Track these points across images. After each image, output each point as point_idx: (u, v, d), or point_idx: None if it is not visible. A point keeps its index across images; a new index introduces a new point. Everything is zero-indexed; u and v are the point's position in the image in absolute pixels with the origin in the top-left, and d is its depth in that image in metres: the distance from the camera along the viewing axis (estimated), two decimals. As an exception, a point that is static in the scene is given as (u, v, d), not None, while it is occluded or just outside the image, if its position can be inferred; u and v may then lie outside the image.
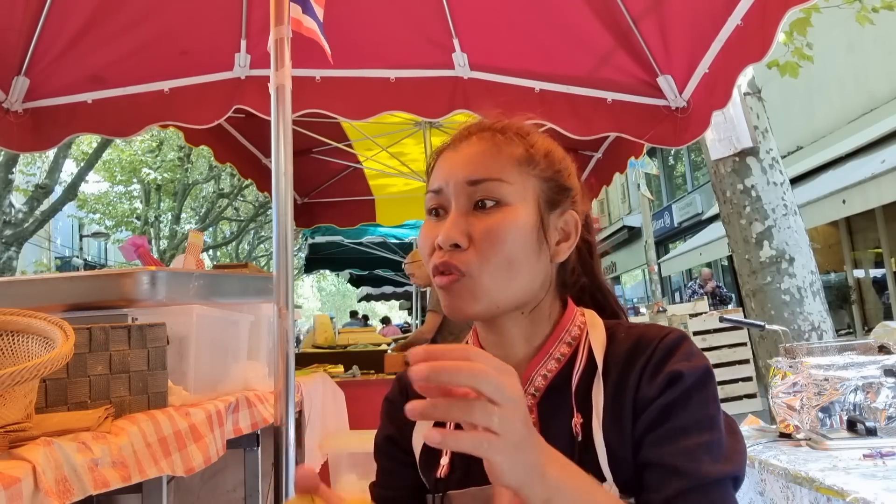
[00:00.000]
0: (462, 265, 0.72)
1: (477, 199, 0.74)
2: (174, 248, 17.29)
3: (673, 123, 2.35)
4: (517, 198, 0.74)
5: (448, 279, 0.72)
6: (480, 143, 0.77)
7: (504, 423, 0.50)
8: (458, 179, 0.75)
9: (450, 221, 0.74)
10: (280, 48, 1.54)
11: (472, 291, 0.72)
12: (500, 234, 0.72)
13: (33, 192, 11.30)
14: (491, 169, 0.74)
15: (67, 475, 0.97)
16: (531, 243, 0.74)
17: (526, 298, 0.75)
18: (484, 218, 0.73)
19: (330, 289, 42.42)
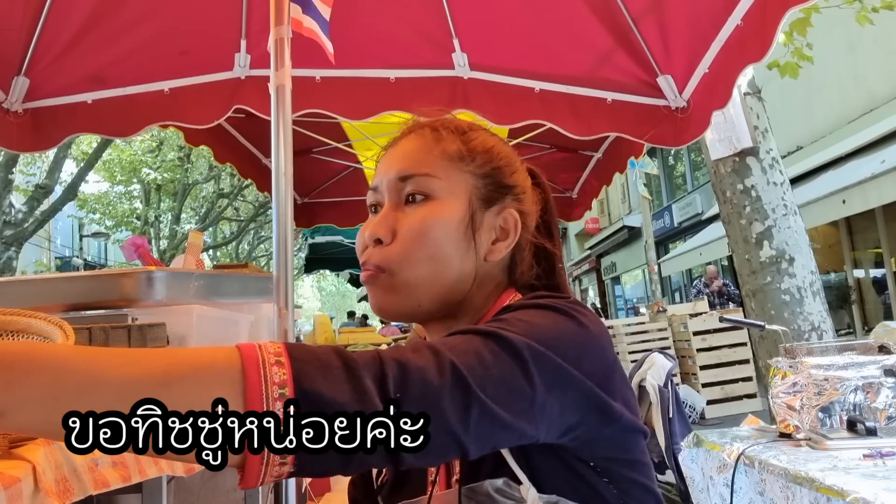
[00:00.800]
0: (381, 261, 0.71)
1: (407, 194, 0.73)
2: (174, 248, 17.29)
3: (673, 123, 2.35)
4: (446, 192, 0.73)
5: (367, 274, 0.72)
6: (415, 140, 0.77)
7: None
8: (390, 176, 0.75)
9: (379, 217, 0.74)
10: (280, 48, 1.54)
11: (393, 287, 0.71)
12: (423, 228, 0.71)
13: (33, 192, 11.30)
14: (421, 164, 0.74)
15: (67, 475, 0.97)
16: (458, 239, 0.72)
17: (452, 297, 0.73)
18: (411, 213, 0.72)
19: (330, 289, 42.44)
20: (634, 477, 0.66)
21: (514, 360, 0.55)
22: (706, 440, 1.96)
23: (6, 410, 0.43)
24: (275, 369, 0.48)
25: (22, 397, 0.43)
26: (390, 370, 0.51)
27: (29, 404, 0.43)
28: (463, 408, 0.51)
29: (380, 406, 0.48)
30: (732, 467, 1.74)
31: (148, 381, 0.45)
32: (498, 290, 0.76)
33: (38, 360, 0.44)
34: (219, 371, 0.47)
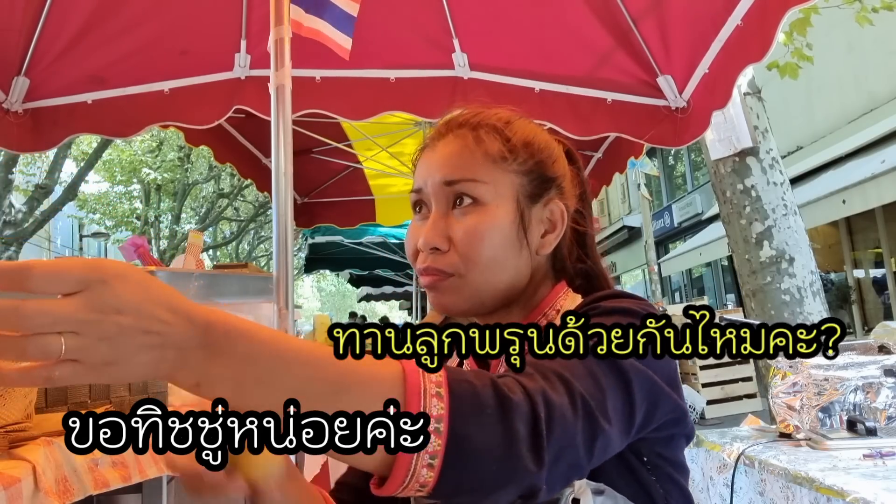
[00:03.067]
0: (447, 267, 0.73)
1: (454, 198, 0.75)
2: (174, 248, 17.29)
3: (673, 123, 2.35)
4: (493, 196, 0.74)
5: (433, 278, 0.74)
6: (455, 142, 0.78)
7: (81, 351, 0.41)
8: (435, 180, 0.76)
9: (430, 224, 0.75)
10: (280, 48, 1.54)
11: (458, 289, 0.74)
12: (478, 235, 0.73)
13: (33, 192, 11.30)
14: (465, 169, 0.75)
15: (67, 475, 0.97)
16: (511, 240, 0.74)
17: (511, 293, 0.76)
18: (462, 219, 0.74)
19: (330, 289, 42.44)
20: (677, 478, 0.69)
21: (622, 382, 0.59)
22: (706, 440, 1.96)
23: (202, 384, 0.46)
24: (434, 401, 0.49)
25: (215, 375, 0.46)
26: (541, 411, 0.52)
27: (218, 383, 0.46)
28: (591, 440, 0.55)
29: (525, 453, 0.50)
30: (732, 467, 1.74)
31: (322, 385, 0.48)
32: (546, 279, 0.79)
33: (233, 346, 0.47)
34: (384, 390, 0.49)
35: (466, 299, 0.74)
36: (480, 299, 0.75)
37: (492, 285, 0.74)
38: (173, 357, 0.45)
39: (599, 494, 0.64)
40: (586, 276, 0.83)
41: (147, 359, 0.44)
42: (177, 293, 0.47)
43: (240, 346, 0.47)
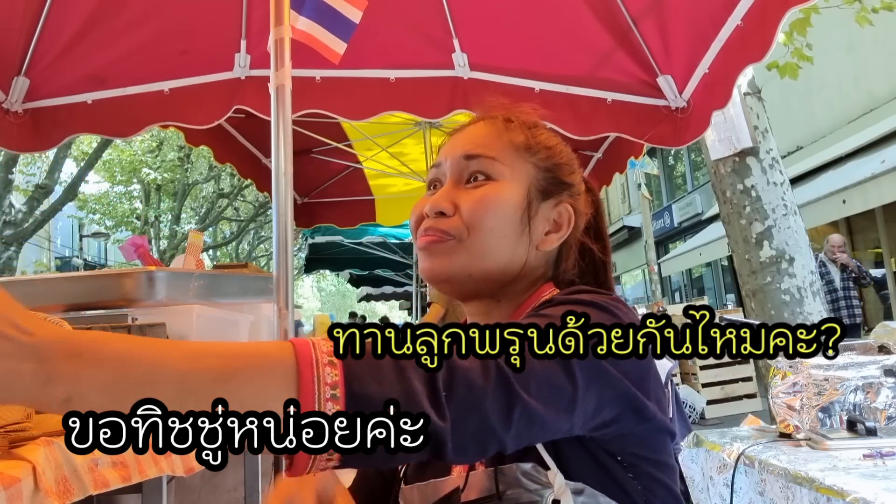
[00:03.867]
0: (450, 228, 0.74)
1: (470, 174, 0.77)
2: (174, 248, 17.29)
3: (673, 123, 2.35)
4: (508, 176, 0.77)
5: (430, 239, 0.75)
6: (485, 126, 0.81)
7: None
8: (455, 154, 0.78)
9: (440, 192, 0.77)
10: (280, 48, 1.54)
11: (452, 253, 0.74)
12: (485, 203, 0.74)
13: (33, 192, 11.30)
14: (488, 147, 0.78)
15: (67, 475, 0.97)
16: (514, 222, 0.75)
17: (501, 278, 0.76)
18: (472, 191, 0.76)
19: (330, 289, 42.43)
20: (660, 477, 0.68)
21: (562, 365, 0.57)
22: (706, 440, 1.96)
23: (73, 397, 0.43)
24: (327, 370, 0.48)
25: (87, 386, 0.43)
26: (440, 373, 0.52)
27: (94, 393, 0.44)
28: (506, 408, 0.53)
29: (427, 408, 0.49)
30: (732, 467, 1.74)
31: (206, 375, 0.46)
32: (540, 282, 0.80)
33: (105, 350, 0.45)
34: (273, 368, 0.48)
35: (457, 266, 0.74)
36: (469, 271, 0.74)
37: (485, 260, 0.74)
38: (32, 370, 0.41)
39: (579, 494, 0.63)
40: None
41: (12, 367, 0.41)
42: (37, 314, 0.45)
43: (111, 349, 0.45)
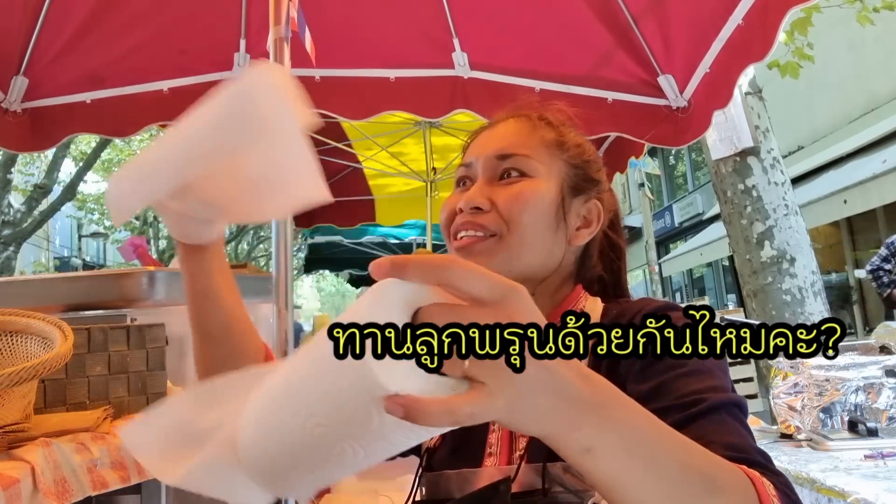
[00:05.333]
0: (489, 223, 0.74)
1: (503, 171, 0.77)
2: (173, 249, 17.24)
3: (674, 123, 2.35)
4: (542, 173, 0.77)
5: (470, 240, 0.74)
6: (515, 124, 0.82)
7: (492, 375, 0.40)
8: (487, 154, 0.78)
9: (474, 188, 0.77)
10: (279, 48, 1.54)
11: (493, 253, 0.74)
12: (522, 198, 0.75)
13: (32, 191, 11.30)
14: (521, 145, 0.78)
15: (66, 476, 0.96)
16: (549, 218, 0.76)
17: (536, 271, 0.77)
18: (507, 187, 0.76)
19: (330, 289, 42.43)
20: None
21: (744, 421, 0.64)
22: (707, 441, 1.95)
23: (594, 448, 0.42)
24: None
25: (610, 442, 0.43)
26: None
27: (611, 450, 0.43)
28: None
29: None
30: (733, 468, 1.73)
31: (699, 481, 0.46)
32: (570, 277, 0.81)
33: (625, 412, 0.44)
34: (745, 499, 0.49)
35: (498, 264, 0.73)
36: (510, 268, 0.74)
37: (525, 256, 0.75)
38: (567, 410, 0.41)
39: None
40: (601, 282, 0.86)
41: (545, 403, 0.40)
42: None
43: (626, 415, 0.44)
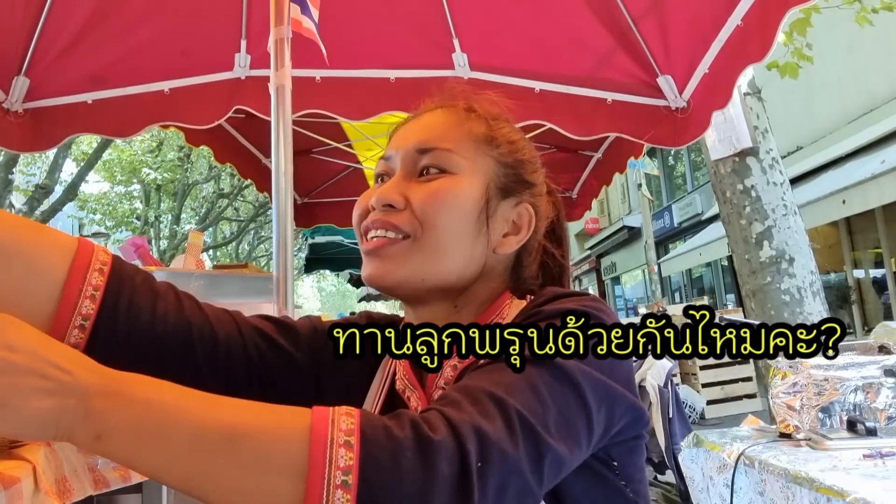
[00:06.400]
0: (401, 223, 0.67)
1: (422, 167, 0.70)
2: (174, 249, 17.29)
3: (673, 124, 2.35)
4: (465, 170, 0.70)
5: (380, 242, 0.67)
6: (442, 115, 0.74)
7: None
8: (407, 147, 0.71)
9: (389, 183, 0.70)
10: (280, 48, 1.54)
11: (404, 256, 0.67)
12: (439, 197, 0.67)
13: (33, 192, 11.30)
14: (444, 138, 0.70)
15: (67, 475, 0.97)
16: (470, 220, 0.68)
17: (454, 280, 0.69)
18: (425, 184, 0.68)
19: (330, 289, 42.42)
20: (640, 477, 0.66)
21: (572, 390, 0.54)
22: (706, 440, 1.96)
23: (102, 435, 0.44)
24: (342, 451, 0.44)
25: (114, 425, 0.44)
26: (471, 445, 0.46)
27: (118, 434, 0.44)
28: (537, 461, 0.50)
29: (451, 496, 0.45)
30: (732, 467, 1.74)
31: (217, 432, 0.45)
32: (500, 287, 0.74)
33: (136, 391, 0.46)
34: (284, 439, 0.45)
35: (409, 270, 0.67)
36: (423, 275, 0.67)
37: (440, 262, 0.67)
38: (74, 406, 0.43)
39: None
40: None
41: (44, 405, 0.42)
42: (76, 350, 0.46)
43: (141, 391, 0.46)
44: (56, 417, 0.43)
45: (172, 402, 0.46)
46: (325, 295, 45.29)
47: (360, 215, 0.72)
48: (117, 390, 0.45)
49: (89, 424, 0.43)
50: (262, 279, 1.88)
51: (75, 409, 0.43)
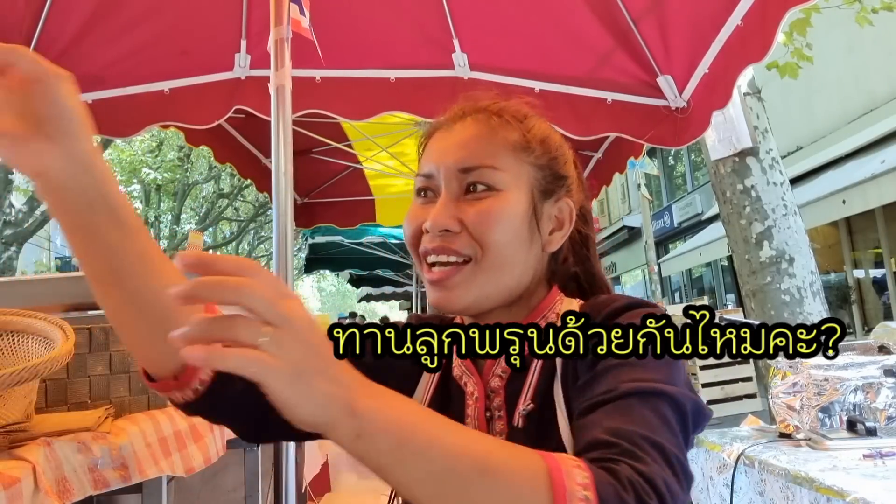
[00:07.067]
0: (462, 248, 0.69)
1: (468, 184, 0.71)
2: (174, 249, 17.29)
3: (673, 124, 2.35)
4: (510, 185, 0.71)
5: (443, 273, 0.70)
6: (475, 126, 0.74)
7: (278, 345, 0.43)
8: (448, 165, 0.72)
9: (440, 206, 0.70)
10: (280, 48, 1.54)
11: (469, 282, 0.69)
12: (493, 217, 0.69)
13: (33, 192, 11.29)
14: (484, 155, 0.72)
15: (67, 475, 0.97)
16: (523, 231, 0.71)
17: (515, 290, 0.72)
18: (475, 203, 0.70)
19: (330, 289, 42.41)
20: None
21: (681, 419, 0.59)
22: (706, 440, 1.96)
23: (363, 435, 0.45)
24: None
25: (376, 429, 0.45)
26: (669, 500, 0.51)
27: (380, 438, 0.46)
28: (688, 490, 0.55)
29: None
30: (732, 467, 1.74)
31: (471, 461, 0.47)
32: (543, 280, 0.77)
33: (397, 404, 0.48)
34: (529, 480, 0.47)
35: (474, 294, 0.70)
36: (486, 293, 0.70)
37: (502, 278, 0.70)
38: (343, 399, 0.45)
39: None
40: (577, 279, 0.83)
41: (327, 389, 0.44)
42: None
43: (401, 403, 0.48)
44: (331, 403, 0.45)
45: (429, 421, 0.48)
46: (325, 295, 45.28)
47: (414, 236, 0.73)
48: (381, 395, 0.47)
49: (353, 421, 0.45)
50: (261, 279, 1.88)
51: (344, 402, 0.45)
